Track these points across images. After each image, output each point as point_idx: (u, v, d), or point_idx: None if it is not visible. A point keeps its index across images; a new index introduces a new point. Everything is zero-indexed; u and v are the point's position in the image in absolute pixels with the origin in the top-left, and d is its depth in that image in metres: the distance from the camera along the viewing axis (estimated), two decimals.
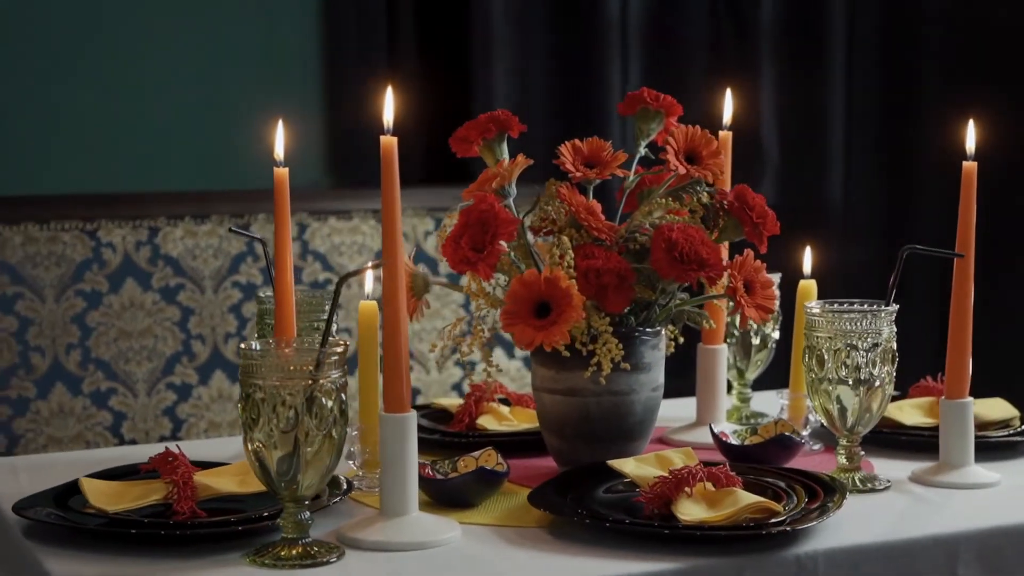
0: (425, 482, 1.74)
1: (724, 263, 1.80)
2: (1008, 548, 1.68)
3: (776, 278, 2.18)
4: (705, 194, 1.89)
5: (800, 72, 3.89)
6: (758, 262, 1.84)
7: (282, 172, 1.85)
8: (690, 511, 1.62)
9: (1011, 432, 2.06)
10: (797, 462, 1.92)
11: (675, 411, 2.20)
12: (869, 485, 1.82)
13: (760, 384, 2.28)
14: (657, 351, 1.85)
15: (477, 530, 1.66)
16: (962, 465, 1.86)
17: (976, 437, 2.02)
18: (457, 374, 3.00)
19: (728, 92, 2.10)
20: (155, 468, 1.71)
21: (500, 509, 1.72)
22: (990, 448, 2.01)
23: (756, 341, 2.18)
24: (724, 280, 1.82)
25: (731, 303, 1.83)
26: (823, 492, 1.72)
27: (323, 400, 1.52)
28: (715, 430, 1.94)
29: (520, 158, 1.82)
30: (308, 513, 1.56)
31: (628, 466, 1.74)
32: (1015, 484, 1.86)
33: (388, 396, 1.62)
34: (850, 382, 1.79)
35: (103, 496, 1.68)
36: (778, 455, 1.89)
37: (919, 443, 2.00)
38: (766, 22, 3.84)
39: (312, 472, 1.53)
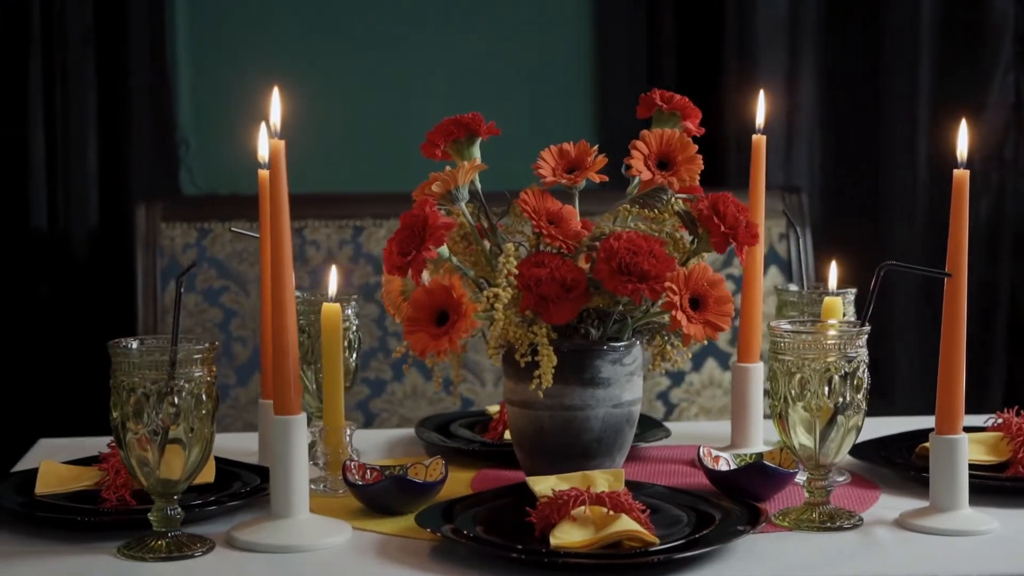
0: (350, 487, 1.74)
1: (671, 276, 1.69)
2: None
3: (851, 294, 2.02)
4: (679, 201, 1.79)
5: None
6: (716, 275, 1.72)
7: (264, 174, 1.90)
8: (566, 535, 1.55)
9: None
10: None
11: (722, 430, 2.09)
12: (830, 523, 1.67)
13: None
14: (620, 366, 1.77)
15: (367, 538, 1.65)
16: (951, 509, 1.67)
17: None
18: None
19: (761, 94, 1.96)
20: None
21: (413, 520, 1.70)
22: None
23: None
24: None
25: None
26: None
27: (175, 399, 1.55)
28: (702, 453, 1.82)
29: (474, 162, 1.78)
30: (178, 508, 1.60)
31: (541, 484, 1.67)
32: (1007, 535, 1.65)
33: (277, 399, 1.64)
34: (812, 409, 1.65)
35: (52, 478, 1.78)
36: (758, 484, 1.76)
37: None
38: None
39: (171, 468, 1.57)
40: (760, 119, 1.94)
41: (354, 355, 2.00)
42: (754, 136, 1.95)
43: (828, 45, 3.48)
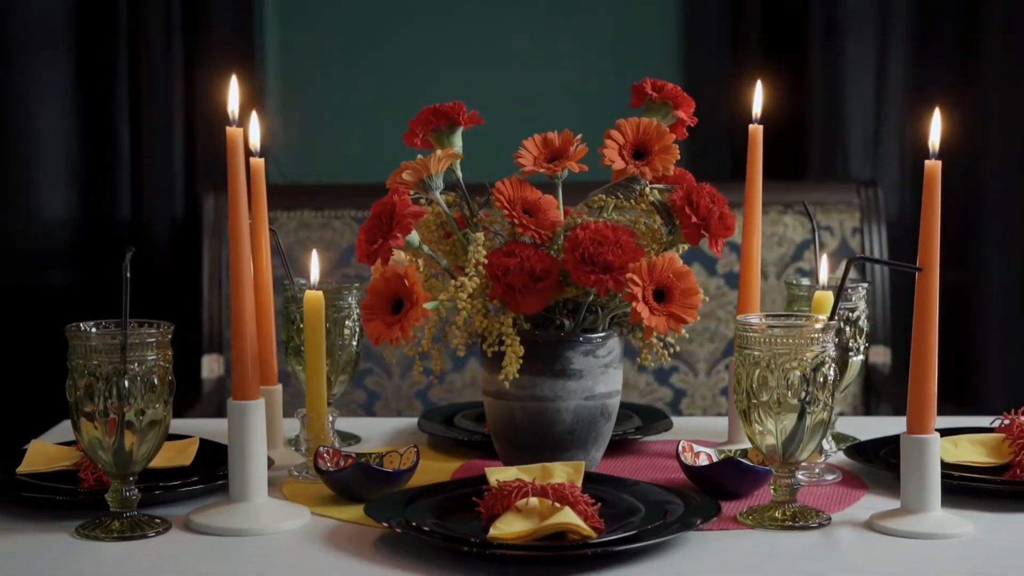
0: (319, 473, 1.75)
1: (634, 267, 1.67)
2: None
3: (862, 288, 1.96)
4: (655, 192, 1.75)
5: None
6: (683, 267, 1.68)
7: (257, 162, 1.93)
8: (508, 526, 1.53)
9: None
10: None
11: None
12: (792, 522, 1.62)
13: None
14: (593, 358, 1.74)
15: (322, 524, 1.65)
16: (921, 510, 1.61)
17: None
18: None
19: (759, 83, 1.91)
20: None
21: None
22: None
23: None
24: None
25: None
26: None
27: (126, 383, 1.57)
28: (681, 448, 1.78)
29: (447, 151, 1.77)
30: (134, 489, 1.62)
31: (498, 475, 1.65)
32: (978, 539, 1.59)
33: (235, 384, 1.65)
34: (773, 405, 1.60)
35: (40, 458, 1.82)
36: (732, 480, 1.72)
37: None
38: None
39: (123, 450, 1.59)
40: (757, 109, 1.89)
41: (355, 343, 2.00)
42: (751, 126, 1.90)
43: (920, 29, 3.39)
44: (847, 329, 1.96)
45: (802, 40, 3.36)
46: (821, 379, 1.60)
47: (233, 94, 1.65)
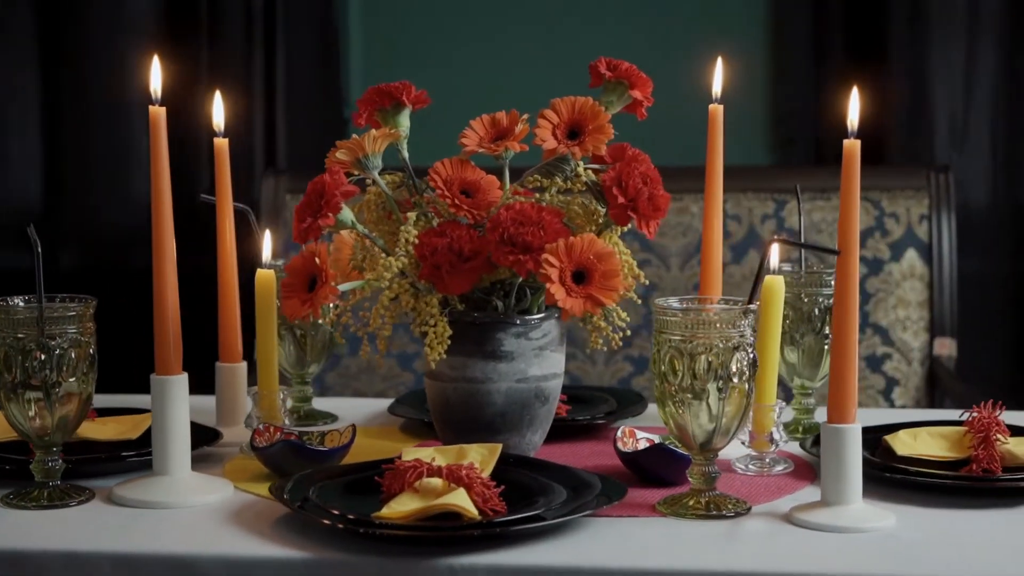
0: (253, 450, 1.76)
1: (550, 248, 1.64)
2: None
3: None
4: (590, 171, 1.72)
5: None
6: (606, 248, 1.65)
7: (221, 143, 1.94)
8: (401, 506, 1.52)
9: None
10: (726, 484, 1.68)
11: None
12: (705, 511, 1.58)
13: None
14: (525, 340, 1.72)
15: (238, 500, 1.66)
16: (840, 503, 1.55)
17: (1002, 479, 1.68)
18: None
19: (719, 60, 1.86)
20: None
21: None
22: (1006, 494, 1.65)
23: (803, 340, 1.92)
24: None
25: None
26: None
27: (41, 356, 1.61)
28: (619, 434, 1.75)
29: (384, 131, 1.76)
30: (58, 459, 1.65)
31: (415, 454, 1.64)
32: (895, 533, 1.52)
33: (158, 359, 1.67)
34: (685, 391, 1.56)
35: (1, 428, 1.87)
36: (661, 466, 1.68)
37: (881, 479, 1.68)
38: None
39: (42, 421, 1.62)
40: (717, 88, 1.84)
41: (330, 324, 2.01)
42: (710, 106, 1.84)
43: (1014, 12, 3.27)
44: (823, 317, 1.91)
45: (885, 24, 3.27)
46: (735, 365, 1.55)
47: (155, 74, 1.67)
